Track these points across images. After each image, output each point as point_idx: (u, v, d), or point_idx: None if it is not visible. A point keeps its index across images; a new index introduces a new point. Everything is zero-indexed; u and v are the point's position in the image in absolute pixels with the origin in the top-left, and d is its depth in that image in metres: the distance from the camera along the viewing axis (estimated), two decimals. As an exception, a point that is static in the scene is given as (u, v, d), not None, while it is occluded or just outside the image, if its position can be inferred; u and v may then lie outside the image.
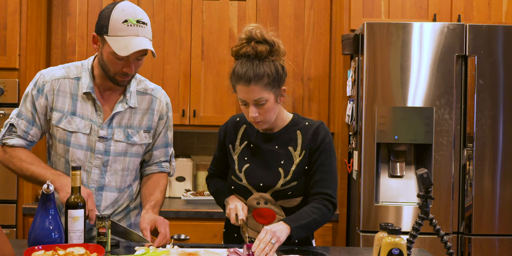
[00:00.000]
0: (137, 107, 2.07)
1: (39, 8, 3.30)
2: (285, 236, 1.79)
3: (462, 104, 2.89)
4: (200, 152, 3.77)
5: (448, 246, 1.68)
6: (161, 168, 2.18)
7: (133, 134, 2.06)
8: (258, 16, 3.43)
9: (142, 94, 2.09)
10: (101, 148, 2.02)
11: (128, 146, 2.06)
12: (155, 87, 2.15)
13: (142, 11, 1.95)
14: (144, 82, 2.13)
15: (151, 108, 2.10)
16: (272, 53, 1.88)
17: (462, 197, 2.88)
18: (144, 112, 2.08)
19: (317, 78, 3.44)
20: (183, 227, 3.10)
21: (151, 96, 2.11)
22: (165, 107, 2.14)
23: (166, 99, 2.16)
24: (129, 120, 2.06)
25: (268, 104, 1.88)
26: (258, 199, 1.97)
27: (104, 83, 2.03)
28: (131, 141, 2.06)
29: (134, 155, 2.09)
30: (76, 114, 2.01)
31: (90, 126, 2.01)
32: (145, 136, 2.09)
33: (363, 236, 2.86)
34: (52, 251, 1.67)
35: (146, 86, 2.12)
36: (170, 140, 2.20)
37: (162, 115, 2.13)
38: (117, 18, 1.88)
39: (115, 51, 1.87)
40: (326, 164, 1.96)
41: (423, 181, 1.67)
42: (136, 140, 2.07)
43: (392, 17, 3.18)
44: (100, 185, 2.05)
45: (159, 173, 2.18)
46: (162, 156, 2.18)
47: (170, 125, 2.19)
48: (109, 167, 2.04)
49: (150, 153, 2.16)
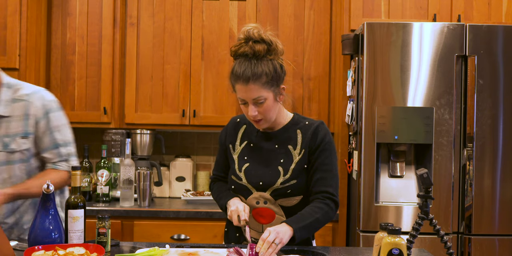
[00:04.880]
0: (11, 115, 2.07)
1: (39, 8, 3.30)
2: (288, 238, 1.80)
3: (462, 104, 2.89)
4: (200, 152, 3.77)
5: (448, 246, 1.68)
6: (55, 166, 2.15)
7: (10, 142, 2.07)
8: (258, 16, 3.43)
9: (17, 101, 2.09)
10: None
11: (8, 154, 2.07)
12: (31, 92, 2.13)
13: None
14: (20, 89, 2.12)
15: (25, 114, 2.09)
16: (270, 52, 1.89)
17: (462, 197, 2.88)
18: (19, 118, 2.09)
19: (317, 78, 3.44)
20: (183, 227, 3.10)
21: (25, 102, 2.10)
22: (40, 109, 2.11)
23: (43, 102, 2.13)
24: (5, 129, 2.07)
25: (267, 102, 1.89)
26: (258, 198, 1.97)
27: None
28: (9, 149, 2.07)
29: (18, 162, 2.10)
30: None
31: None
32: (23, 142, 2.09)
33: (363, 236, 2.86)
34: (52, 251, 1.67)
35: (22, 93, 2.11)
36: (60, 141, 2.15)
37: (38, 118, 2.11)
38: None
39: None
40: (327, 163, 1.96)
41: (423, 181, 1.67)
42: (15, 147, 2.08)
43: (392, 17, 3.18)
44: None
45: (52, 169, 2.15)
46: (55, 157, 2.15)
47: (55, 125, 2.15)
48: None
49: (40, 156, 2.15)
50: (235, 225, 1.91)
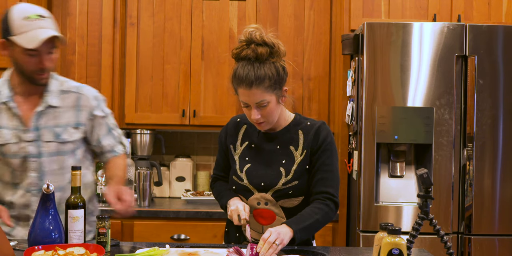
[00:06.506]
0: (61, 106, 2.08)
1: (39, 8, 3.29)
2: (288, 239, 1.80)
3: (462, 104, 2.89)
4: (200, 152, 3.77)
5: (448, 246, 1.68)
6: (115, 153, 2.21)
7: (61, 132, 2.07)
8: (258, 16, 3.43)
9: (66, 93, 2.11)
10: (33, 151, 2.04)
11: (59, 145, 2.07)
12: (80, 85, 2.17)
13: (40, 7, 1.99)
14: (67, 82, 2.15)
15: (78, 105, 2.11)
16: (273, 55, 1.88)
17: (462, 197, 2.88)
18: (70, 109, 2.10)
19: (317, 78, 3.44)
20: (183, 227, 3.10)
21: (76, 94, 2.12)
22: (94, 101, 2.16)
23: (94, 94, 2.18)
24: (55, 119, 2.07)
25: (270, 105, 1.88)
26: (259, 199, 1.97)
27: (24, 89, 2.05)
28: (60, 140, 2.07)
29: (68, 153, 2.10)
30: (2, 127, 2.04)
31: (16, 135, 2.03)
32: (74, 132, 2.10)
33: (363, 236, 2.86)
34: (52, 251, 1.67)
35: (69, 85, 2.14)
36: (111, 125, 2.22)
37: (92, 108, 2.14)
38: (18, 17, 1.92)
39: (24, 46, 1.89)
40: (328, 163, 1.96)
41: (423, 181, 1.67)
42: (66, 137, 2.08)
43: (392, 17, 3.18)
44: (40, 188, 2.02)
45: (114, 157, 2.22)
46: (112, 142, 2.20)
47: (107, 113, 2.22)
48: (47, 169, 2.06)
49: (99, 145, 2.18)
50: (236, 224, 1.91)
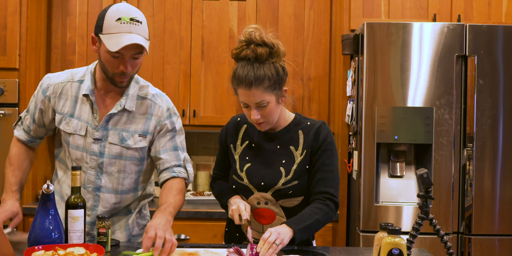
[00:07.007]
0: (134, 111, 2.05)
1: (39, 8, 3.30)
2: (288, 239, 1.79)
3: (462, 104, 2.89)
4: (200, 152, 3.77)
5: (448, 246, 1.68)
6: (173, 173, 2.07)
7: (127, 138, 2.05)
8: (258, 16, 3.43)
9: (142, 99, 2.08)
10: (95, 149, 2.03)
11: (123, 149, 2.05)
12: (156, 93, 2.13)
13: (138, 11, 1.95)
14: (147, 88, 2.11)
15: (149, 113, 2.07)
16: (272, 55, 1.88)
17: (462, 197, 2.88)
18: (141, 116, 2.07)
19: (317, 78, 3.44)
20: (183, 227, 3.10)
21: (151, 102, 2.09)
22: (165, 112, 2.10)
23: (168, 105, 2.13)
24: (125, 123, 2.05)
25: (270, 106, 1.88)
26: (259, 199, 1.97)
27: (105, 86, 2.04)
28: (125, 144, 2.04)
29: (130, 159, 2.07)
30: (74, 116, 2.04)
31: (86, 128, 2.03)
32: (139, 140, 2.06)
33: (363, 236, 2.86)
34: (52, 251, 1.67)
35: (148, 91, 2.10)
36: (180, 144, 2.12)
37: (162, 119, 2.09)
38: (111, 16, 1.89)
39: (107, 47, 1.87)
40: (328, 164, 1.96)
41: (423, 181, 1.67)
42: (130, 143, 2.05)
43: (392, 17, 3.18)
44: (97, 186, 2.05)
45: (172, 178, 2.07)
46: (173, 160, 2.09)
47: (176, 129, 2.12)
48: (105, 169, 2.05)
49: (157, 158, 2.09)
50: (237, 224, 1.91)
